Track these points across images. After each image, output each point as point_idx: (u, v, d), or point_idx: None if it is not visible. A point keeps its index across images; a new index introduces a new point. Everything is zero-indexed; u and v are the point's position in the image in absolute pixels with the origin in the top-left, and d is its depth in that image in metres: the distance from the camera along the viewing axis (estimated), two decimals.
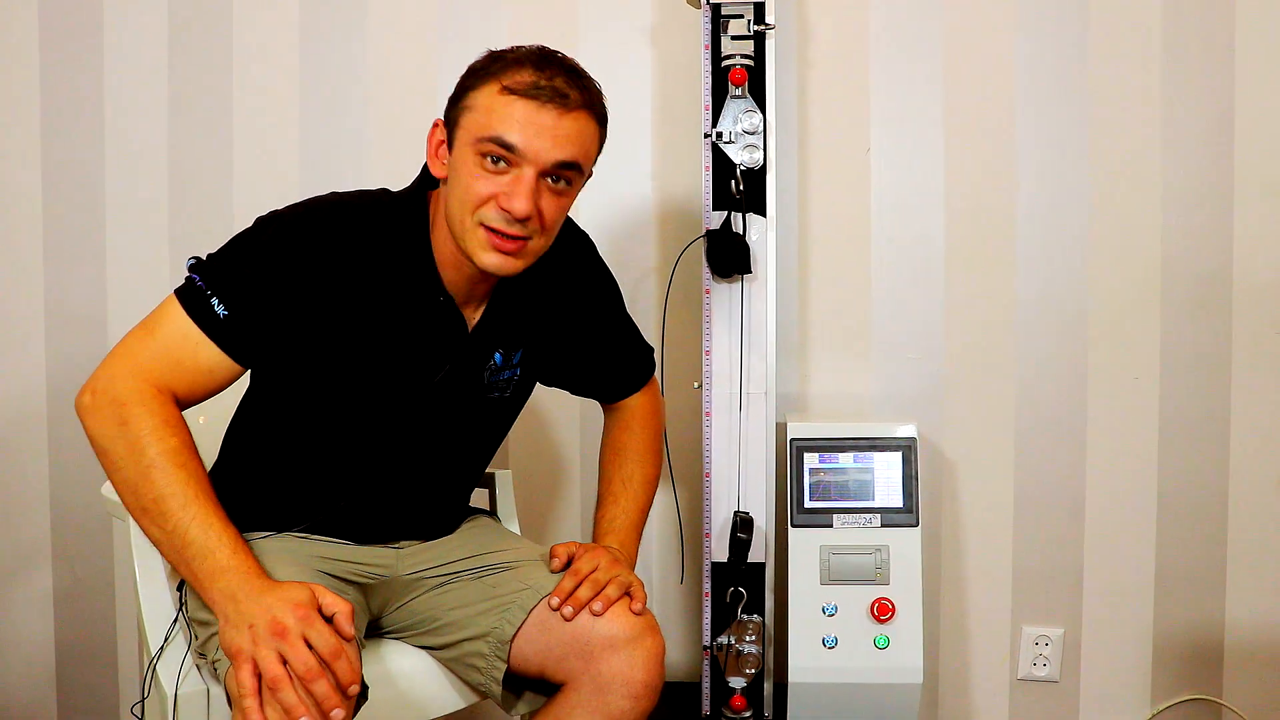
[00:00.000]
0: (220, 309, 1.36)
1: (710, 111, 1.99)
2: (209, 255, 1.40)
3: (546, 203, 1.40)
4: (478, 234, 1.39)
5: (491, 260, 1.40)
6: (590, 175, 1.46)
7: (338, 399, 1.47)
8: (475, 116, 1.37)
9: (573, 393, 1.76)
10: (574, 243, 1.63)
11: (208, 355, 1.38)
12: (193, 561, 1.30)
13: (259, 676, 1.22)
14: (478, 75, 1.39)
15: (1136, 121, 2.19)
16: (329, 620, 1.27)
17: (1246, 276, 2.20)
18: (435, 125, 1.43)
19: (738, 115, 1.98)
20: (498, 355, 1.54)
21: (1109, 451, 2.24)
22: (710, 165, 2.00)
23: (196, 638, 1.44)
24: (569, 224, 1.59)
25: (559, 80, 1.36)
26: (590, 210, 2.22)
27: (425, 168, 1.49)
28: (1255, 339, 2.20)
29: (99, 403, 1.34)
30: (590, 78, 1.41)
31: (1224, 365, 2.21)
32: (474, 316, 1.52)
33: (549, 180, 1.39)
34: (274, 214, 1.42)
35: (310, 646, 1.23)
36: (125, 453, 1.32)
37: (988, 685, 2.29)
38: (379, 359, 1.46)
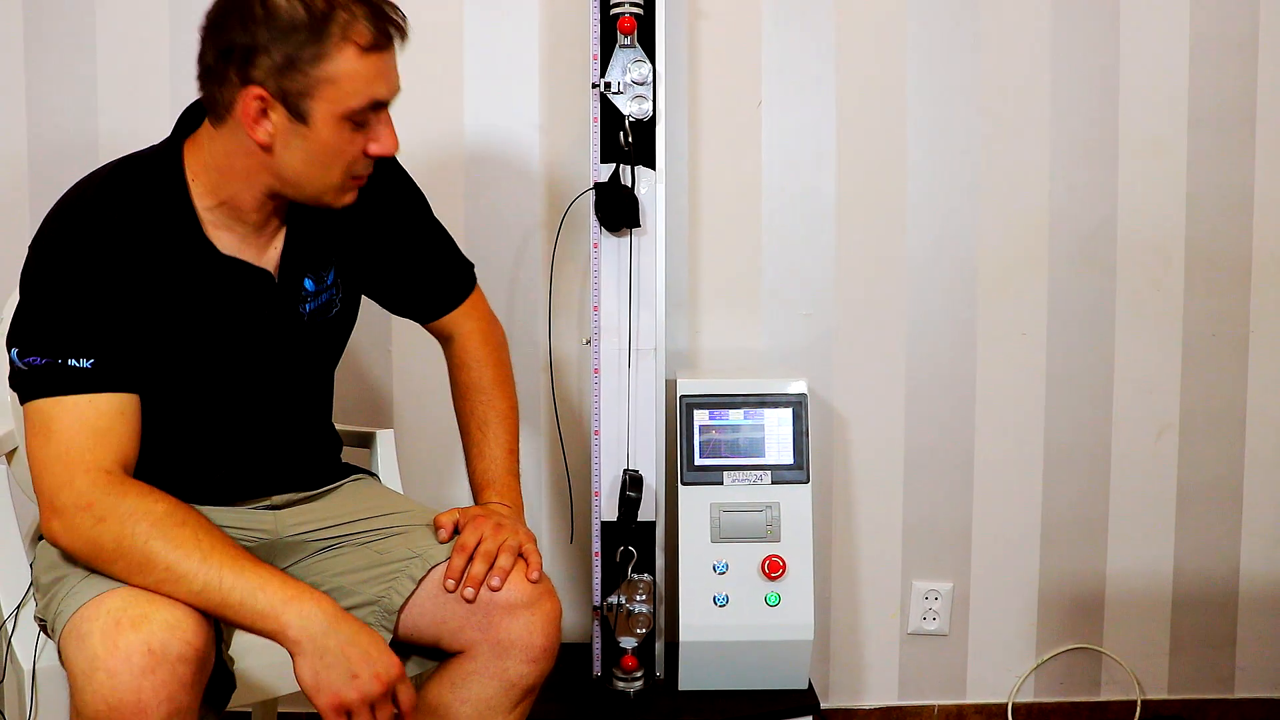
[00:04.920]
0: (83, 363, 1.28)
1: (598, 61, 1.95)
2: (15, 330, 1.30)
3: None
4: (342, 185, 1.39)
5: (349, 199, 1.41)
6: None
7: (174, 377, 1.40)
8: (342, 88, 1.30)
9: (391, 310, 1.69)
10: None
11: (109, 407, 1.29)
12: (243, 606, 1.25)
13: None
14: (314, 36, 1.28)
15: (1025, 78, 2.20)
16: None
17: (1129, 234, 2.23)
18: (252, 97, 1.30)
19: (626, 65, 1.94)
20: (308, 281, 1.48)
21: (997, 406, 2.26)
22: (598, 116, 1.96)
23: (37, 603, 1.38)
24: None
25: (394, 20, 1.35)
26: (476, 162, 2.17)
27: (186, 116, 1.41)
28: (1136, 294, 2.24)
29: (70, 520, 1.25)
30: None
31: (1108, 320, 2.25)
32: (272, 252, 1.45)
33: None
34: (44, 238, 1.33)
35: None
36: (113, 544, 1.24)
37: (878, 640, 2.31)
38: (198, 331, 1.39)
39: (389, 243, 1.59)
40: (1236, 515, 2.29)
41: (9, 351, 1.31)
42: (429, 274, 1.66)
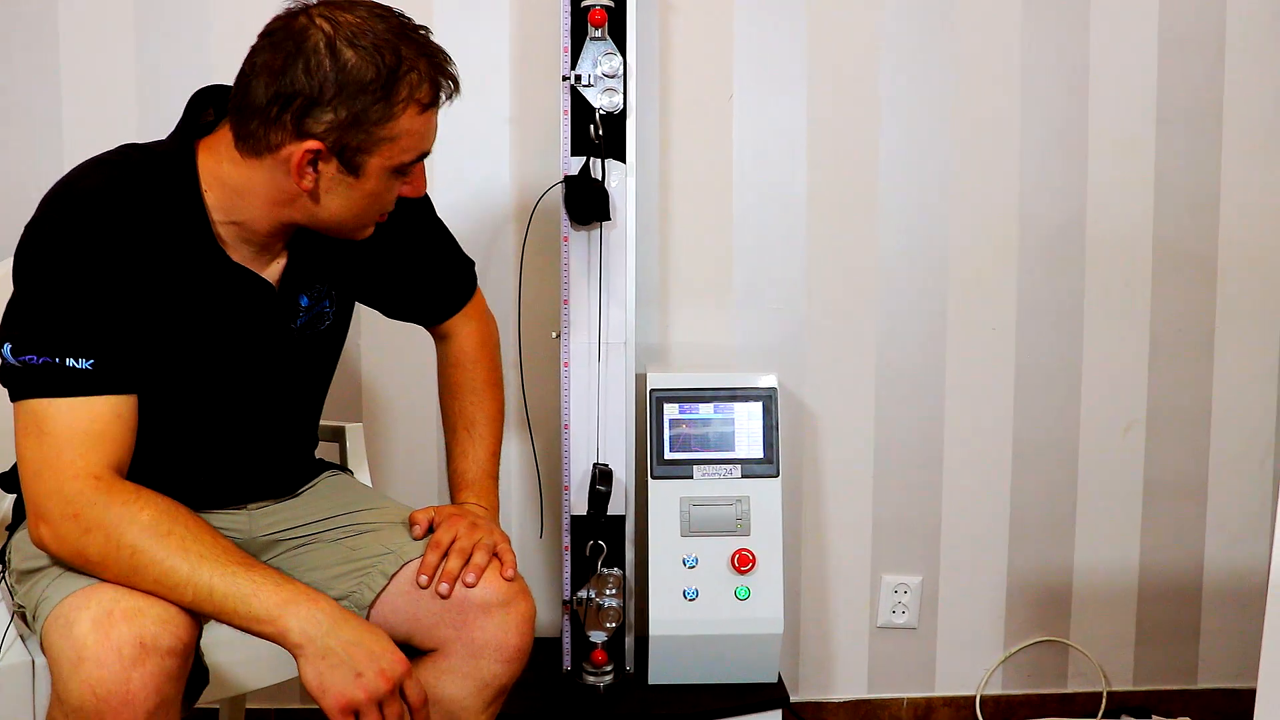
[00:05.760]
0: (83, 364, 1.24)
1: (569, 54, 1.94)
2: (10, 323, 1.26)
3: None
4: (370, 223, 1.39)
5: (369, 233, 1.41)
6: None
7: (164, 382, 1.37)
8: (400, 145, 1.30)
9: (393, 317, 1.68)
10: None
11: (104, 409, 1.25)
12: (238, 614, 1.24)
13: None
14: (383, 97, 1.26)
15: (996, 76, 2.21)
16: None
17: (1098, 231, 2.24)
18: (306, 149, 1.26)
19: (597, 58, 1.94)
20: (303, 298, 1.45)
21: (967, 401, 2.27)
22: (569, 109, 1.95)
23: (14, 594, 1.36)
24: None
25: (453, 76, 1.34)
26: (444, 154, 2.14)
27: (194, 109, 1.36)
28: (1105, 291, 2.25)
29: (57, 528, 1.23)
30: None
31: (1076, 316, 2.26)
32: (275, 266, 1.42)
33: None
34: (47, 228, 1.26)
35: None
36: (100, 554, 1.22)
37: (848, 633, 2.32)
38: (194, 336, 1.37)
39: (398, 253, 1.57)
40: (1201, 510, 2.31)
41: (1, 346, 1.26)
42: (436, 279, 1.64)
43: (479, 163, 2.17)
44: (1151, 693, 2.34)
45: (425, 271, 1.62)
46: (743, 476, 2.03)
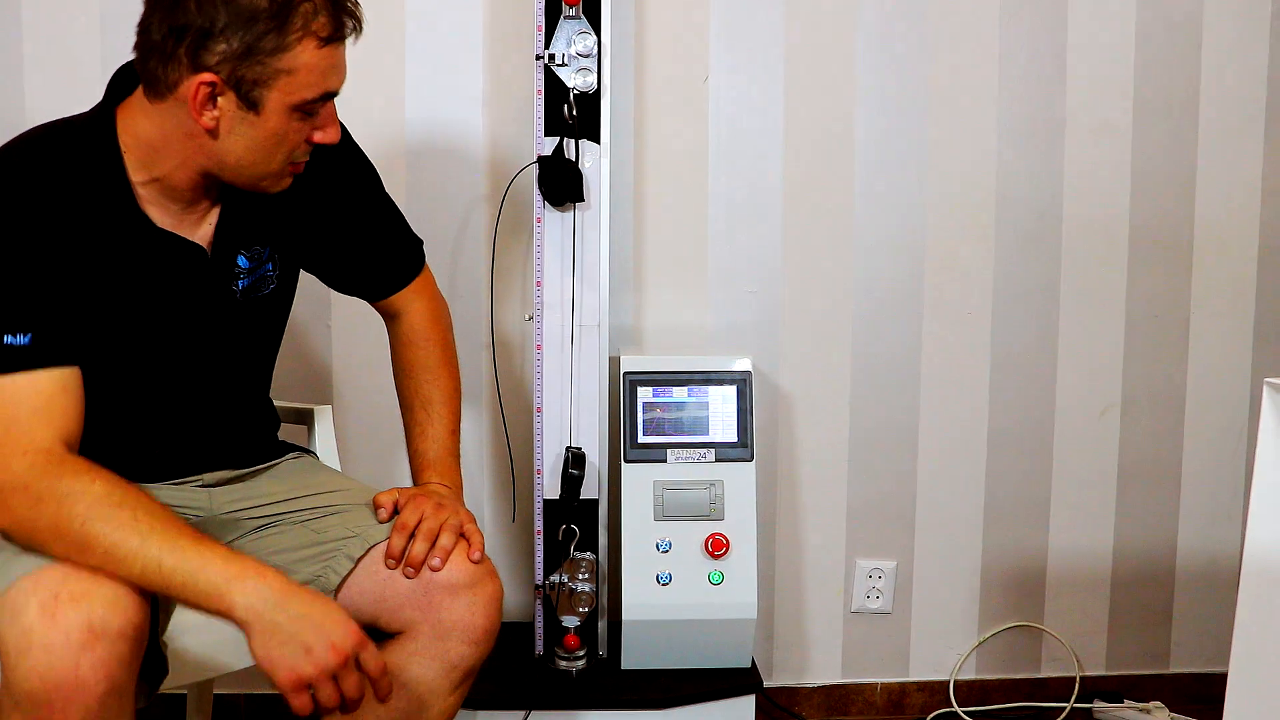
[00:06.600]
0: (21, 339, 1.24)
1: (543, 33, 1.92)
2: None
3: None
4: (281, 172, 1.37)
5: (285, 184, 1.40)
6: None
7: (106, 352, 1.37)
8: (299, 79, 1.29)
9: (336, 289, 1.67)
10: None
11: (48, 383, 1.26)
12: (186, 587, 1.22)
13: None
14: (276, 26, 1.26)
15: (974, 59, 2.20)
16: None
17: (1075, 215, 2.24)
18: (202, 82, 1.26)
19: (571, 37, 1.92)
20: (241, 258, 1.45)
21: (942, 385, 2.27)
22: (542, 89, 1.93)
23: None
24: None
25: (353, 13, 1.33)
26: (417, 135, 2.13)
27: (118, 80, 1.37)
28: (1082, 274, 2.25)
29: (7, 501, 1.22)
30: None
31: (1053, 301, 2.26)
32: (206, 227, 1.42)
33: None
34: None
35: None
36: (50, 526, 1.21)
37: (822, 618, 2.31)
38: (128, 304, 1.36)
39: (336, 219, 1.55)
40: (1175, 494, 2.32)
41: None
42: (378, 252, 1.63)
43: (451, 143, 2.15)
44: (1124, 677, 2.35)
45: (368, 241, 1.61)
46: (717, 460, 2.02)
